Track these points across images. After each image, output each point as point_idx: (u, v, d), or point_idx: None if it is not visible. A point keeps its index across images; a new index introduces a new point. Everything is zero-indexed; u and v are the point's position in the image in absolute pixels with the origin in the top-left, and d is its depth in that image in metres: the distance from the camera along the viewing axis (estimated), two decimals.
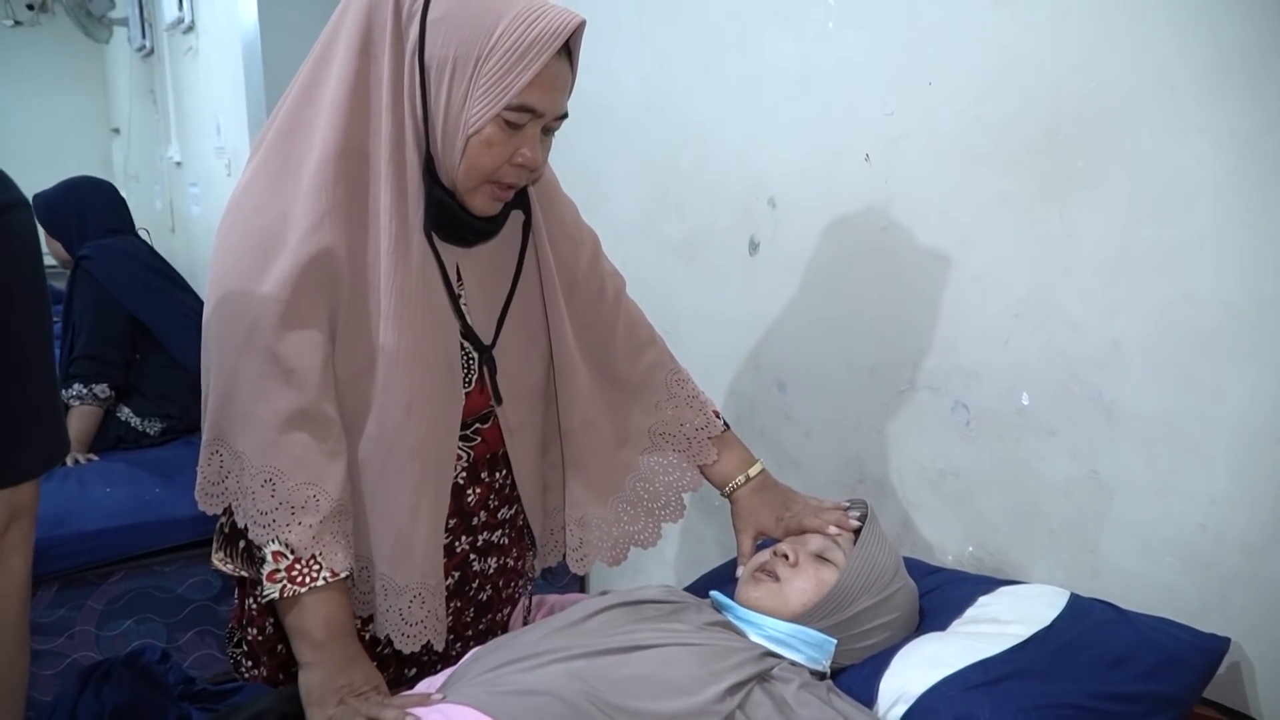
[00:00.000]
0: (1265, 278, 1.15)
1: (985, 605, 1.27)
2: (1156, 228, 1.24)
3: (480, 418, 1.27)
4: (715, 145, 1.97)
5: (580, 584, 2.46)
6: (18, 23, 8.36)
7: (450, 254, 1.18)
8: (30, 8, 8.34)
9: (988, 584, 1.34)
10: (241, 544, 1.13)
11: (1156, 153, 1.23)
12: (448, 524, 1.27)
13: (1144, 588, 1.30)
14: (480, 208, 1.13)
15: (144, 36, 6.32)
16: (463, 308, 1.20)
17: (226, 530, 1.18)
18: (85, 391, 2.49)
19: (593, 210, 2.33)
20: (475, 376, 1.24)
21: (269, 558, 1.07)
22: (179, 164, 5.39)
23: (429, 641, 1.21)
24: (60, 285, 2.71)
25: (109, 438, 2.55)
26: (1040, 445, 1.43)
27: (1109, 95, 1.28)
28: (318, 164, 1.08)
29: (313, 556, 1.07)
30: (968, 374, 1.52)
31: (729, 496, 1.46)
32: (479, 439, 1.27)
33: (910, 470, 1.65)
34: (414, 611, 1.19)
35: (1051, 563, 1.42)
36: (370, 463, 1.15)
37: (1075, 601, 1.25)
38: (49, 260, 3.18)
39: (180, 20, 5.20)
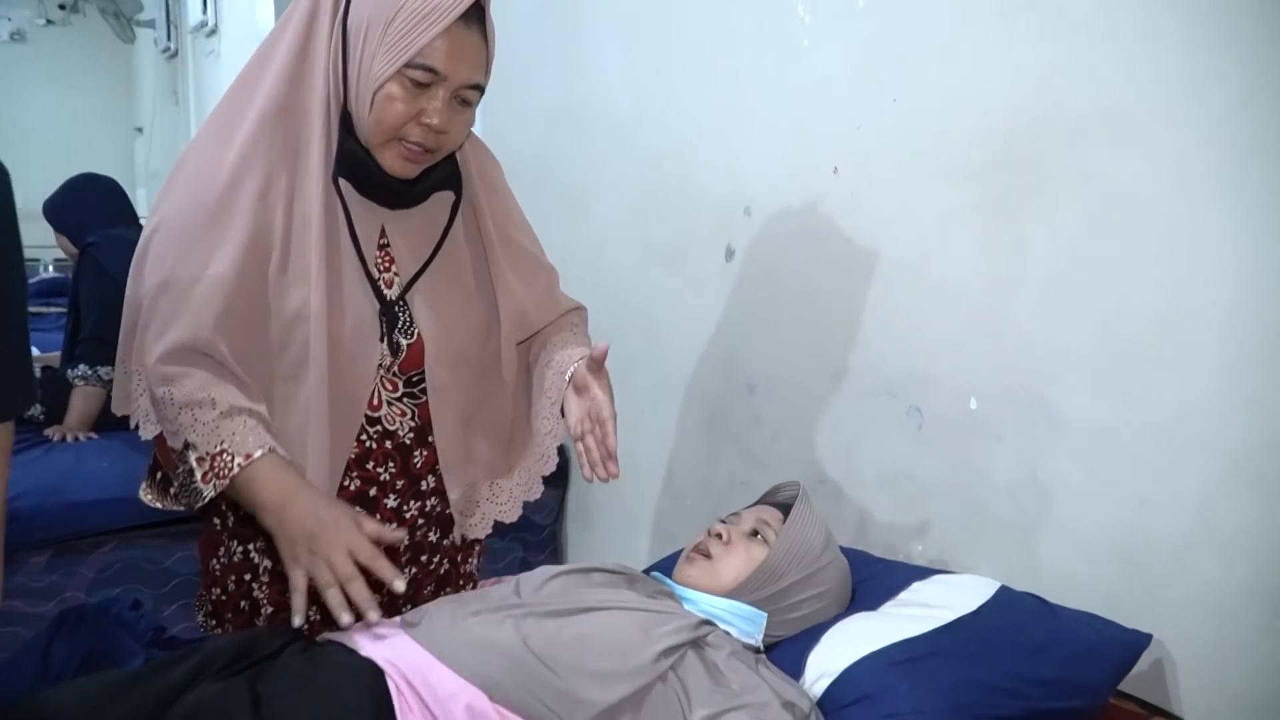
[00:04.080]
0: (1194, 291, 1.22)
1: (917, 590, 1.33)
2: (1097, 243, 1.31)
3: (423, 376, 1.34)
4: (697, 155, 2.06)
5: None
6: (49, 21, 8.53)
7: (375, 213, 1.29)
8: (62, 7, 8.51)
9: (924, 572, 1.40)
10: (158, 475, 1.26)
11: (1099, 172, 1.31)
12: (395, 484, 1.35)
13: (1079, 587, 1.36)
14: (391, 165, 1.23)
15: (169, 38, 6.47)
16: (371, 259, 1.28)
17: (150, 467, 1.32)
18: (90, 373, 2.56)
19: (580, 215, 2.43)
20: (417, 330, 1.32)
21: (194, 467, 1.17)
22: None
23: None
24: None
25: (110, 418, 2.62)
26: (987, 449, 1.49)
27: (1058, 116, 1.35)
28: (255, 119, 1.21)
29: (221, 449, 1.16)
30: (923, 379, 1.59)
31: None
32: (424, 397, 1.34)
33: (868, 472, 1.71)
34: None
35: (995, 562, 1.48)
36: (281, 385, 1.26)
37: (1004, 591, 1.31)
38: (58, 254, 3.30)
39: (204, 23, 5.33)
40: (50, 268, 5.66)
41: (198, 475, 1.17)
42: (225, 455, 1.16)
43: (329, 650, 1.09)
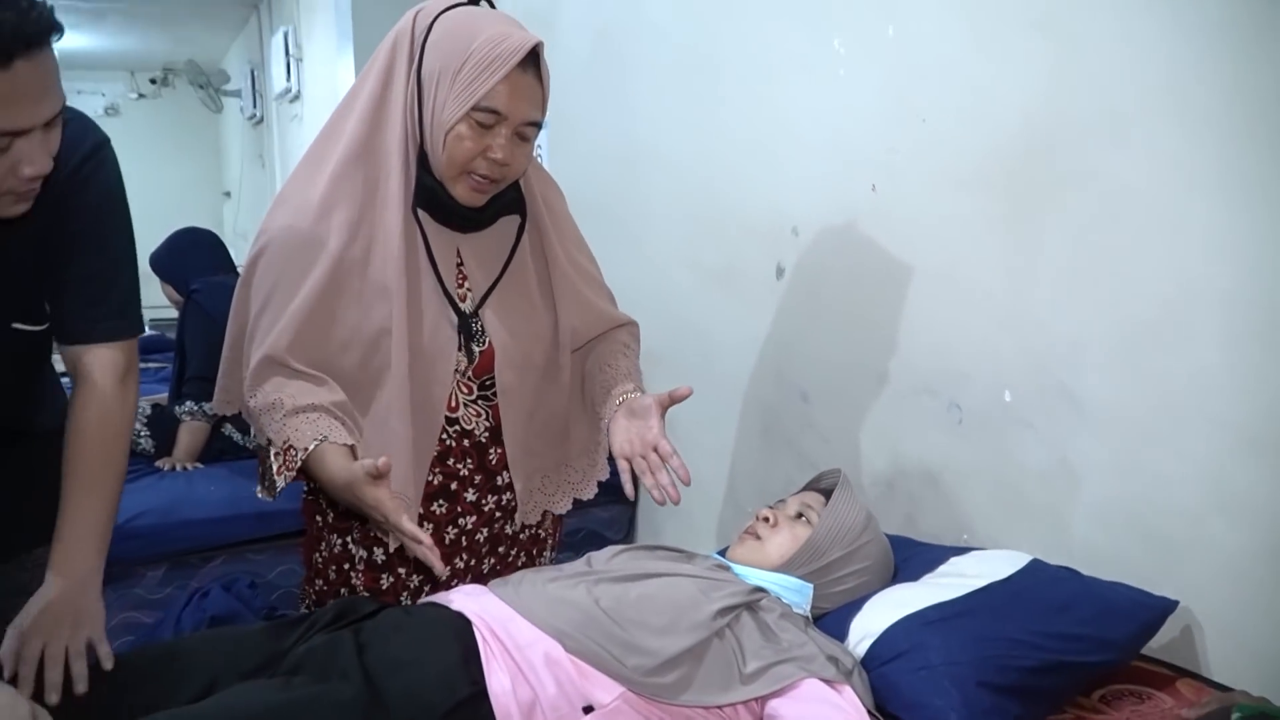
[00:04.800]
0: (1197, 276, 1.32)
1: (955, 564, 1.44)
2: (1106, 237, 1.43)
3: (494, 380, 1.49)
4: (745, 183, 2.21)
5: None
6: (141, 95, 9.07)
7: (450, 237, 1.45)
8: (153, 81, 9.06)
9: (962, 550, 1.51)
10: (260, 471, 1.42)
11: (1106, 171, 1.43)
12: (473, 479, 1.51)
13: (1110, 561, 1.45)
14: (462, 196, 1.39)
15: (255, 106, 6.84)
16: (448, 279, 1.45)
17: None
18: (195, 409, 2.78)
19: (639, 244, 2.59)
20: (488, 339, 1.48)
21: (273, 461, 1.33)
22: None
23: None
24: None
25: (213, 451, 2.84)
26: (1021, 437, 1.60)
27: (1067, 123, 1.48)
28: (340, 157, 1.39)
29: (288, 445, 1.31)
30: (960, 376, 1.70)
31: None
32: (496, 400, 1.50)
33: (914, 467, 1.82)
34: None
35: (1031, 544, 1.57)
36: (366, 390, 1.42)
37: (1035, 563, 1.41)
38: (154, 313, 3.56)
39: (288, 90, 5.65)
40: (146, 327, 5.98)
41: (274, 469, 1.33)
42: (291, 450, 1.31)
43: (422, 607, 1.25)
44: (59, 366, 1.45)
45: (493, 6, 1.41)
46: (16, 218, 1.19)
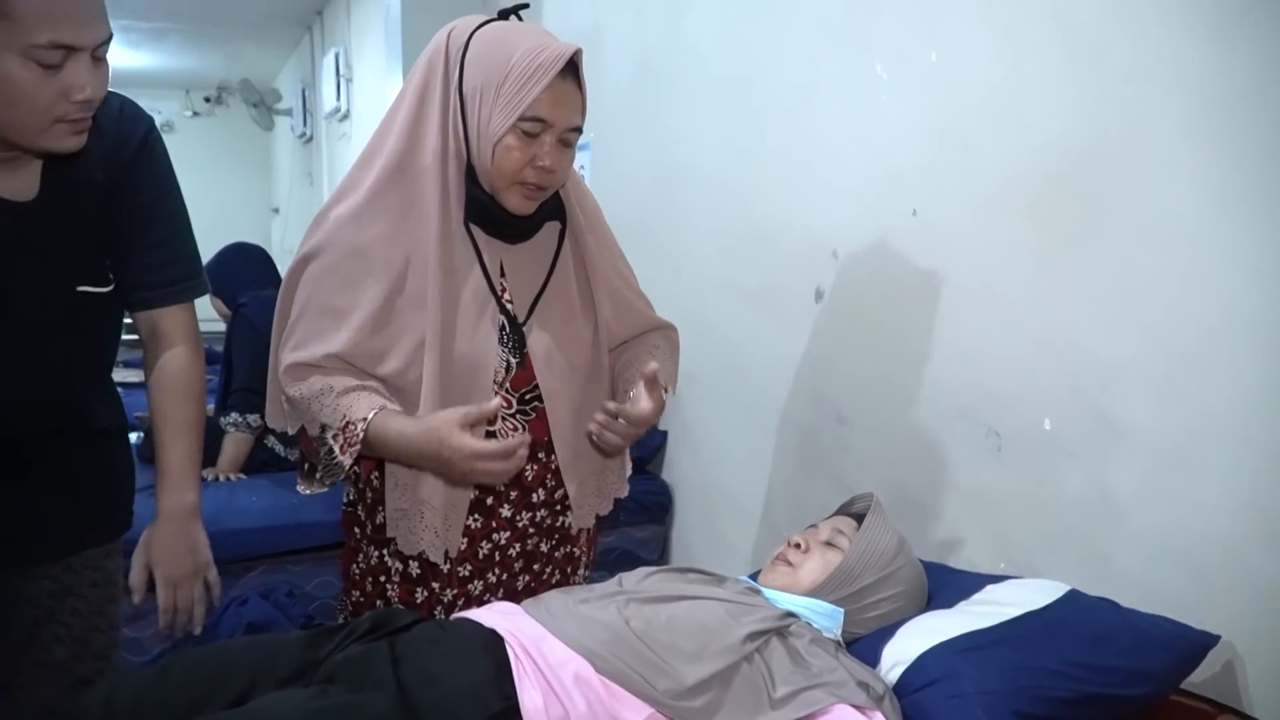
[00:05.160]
0: (1237, 301, 1.31)
1: (990, 591, 1.43)
2: (1146, 261, 1.42)
3: (534, 393, 1.51)
4: (785, 205, 2.22)
5: None
6: (195, 113, 9.28)
7: (495, 249, 1.48)
8: (207, 100, 9.27)
9: (999, 577, 1.49)
10: (305, 465, 1.46)
11: (1147, 195, 1.42)
12: (509, 494, 1.52)
13: (1149, 592, 1.43)
14: (514, 205, 1.42)
15: (305, 124, 6.96)
16: (497, 289, 1.48)
17: (299, 461, 1.54)
18: (240, 420, 2.84)
19: (678, 265, 2.61)
20: (523, 351, 1.50)
21: (332, 444, 1.37)
22: None
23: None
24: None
25: (256, 461, 2.89)
26: (1060, 465, 1.58)
27: (1105, 147, 1.47)
28: (380, 173, 1.44)
29: (346, 422, 1.36)
30: (999, 402, 1.69)
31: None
32: (534, 415, 1.52)
33: (948, 493, 1.81)
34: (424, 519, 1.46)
35: (1070, 574, 1.56)
36: (405, 401, 1.45)
37: (1073, 593, 1.40)
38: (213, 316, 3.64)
39: (337, 109, 5.75)
40: None
41: (336, 450, 1.37)
42: (351, 425, 1.36)
43: (456, 622, 1.26)
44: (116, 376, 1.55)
45: (520, 19, 1.46)
46: (86, 185, 1.33)
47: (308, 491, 1.49)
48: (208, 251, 3.18)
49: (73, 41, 1.17)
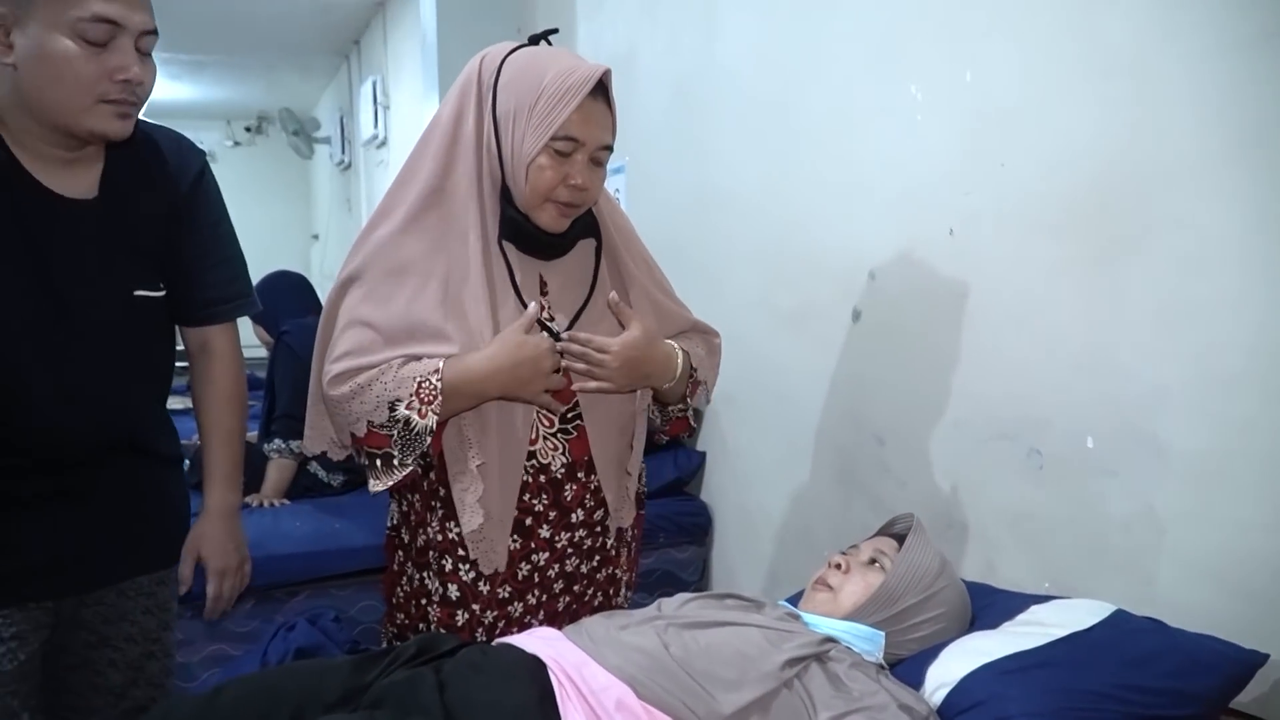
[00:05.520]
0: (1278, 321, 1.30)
1: (1035, 612, 1.42)
2: (1189, 284, 1.41)
3: (575, 411, 1.53)
4: (821, 227, 2.23)
5: None
6: (236, 143, 9.45)
7: (533, 265, 1.51)
8: (248, 129, 9.44)
9: (1043, 598, 1.48)
10: (375, 461, 1.45)
11: (1188, 217, 1.41)
12: (548, 515, 1.53)
13: (1196, 613, 1.41)
14: (547, 223, 1.46)
15: (344, 152, 7.06)
16: (525, 301, 1.49)
17: (365, 463, 1.51)
18: (284, 446, 2.87)
19: (715, 288, 2.62)
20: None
21: (408, 414, 1.39)
22: None
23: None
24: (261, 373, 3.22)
25: (299, 487, 2.92)
26: (1103, 485, 1.57)
27: (1145, 169, 1.47)
28: (416, 195, 1.47)
29: (418, 383, 1.39)
30: (1039, 422, 1.68)
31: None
32: (575, 434, 1.53)
33: (990, 514, 1.80)
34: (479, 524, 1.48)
35: (1115, 595, 1.54)
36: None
37: (1119, 613, 1.38)
38: (256, 343, 3.71)
39: (375, 137, 5.83)
40: None
41: (415, 418, 1.39)
42: (425, 382, 1.39)
43: (499, 648, 1.28)
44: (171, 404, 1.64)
45: (550, 44, 1.49)
46: (145, 188, 1.41)
47: (382, 486, 1.47)
48: (252, 278, 3.28)
49: (117, 17, 1.23)
